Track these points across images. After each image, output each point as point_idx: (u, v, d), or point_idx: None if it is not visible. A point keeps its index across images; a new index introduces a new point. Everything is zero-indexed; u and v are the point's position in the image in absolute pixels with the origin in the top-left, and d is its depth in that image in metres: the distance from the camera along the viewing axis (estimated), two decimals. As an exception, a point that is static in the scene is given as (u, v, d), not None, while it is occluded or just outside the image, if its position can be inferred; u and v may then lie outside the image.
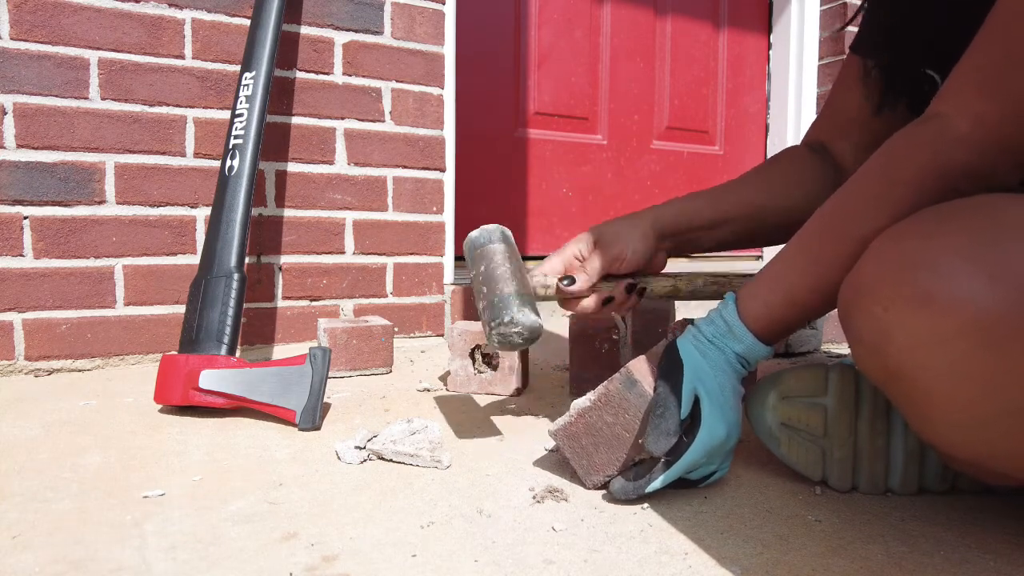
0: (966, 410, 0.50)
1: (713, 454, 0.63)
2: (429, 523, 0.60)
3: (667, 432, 0.62)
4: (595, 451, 0.66)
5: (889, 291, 0.51)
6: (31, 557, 0.53)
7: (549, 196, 1.90)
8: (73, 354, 1.12)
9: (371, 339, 1.14)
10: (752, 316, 0.65)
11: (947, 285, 0.48)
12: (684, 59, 2.10)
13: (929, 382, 0.50)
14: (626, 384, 0.65)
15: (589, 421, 0.66)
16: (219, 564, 0.52)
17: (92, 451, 0.76)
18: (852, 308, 0.55)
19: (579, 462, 0.67)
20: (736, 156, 2.24)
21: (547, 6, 1.85)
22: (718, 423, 0.62)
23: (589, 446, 0.66)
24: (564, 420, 0.68)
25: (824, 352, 1.34)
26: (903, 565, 0.54)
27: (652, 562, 0.54)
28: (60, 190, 1.10)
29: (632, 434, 0.65)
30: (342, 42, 1.33)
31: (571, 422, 0.67)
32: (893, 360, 0.52)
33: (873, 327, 0.52)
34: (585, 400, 0.67)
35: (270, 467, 0.72)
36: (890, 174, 0.59)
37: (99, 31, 1.12)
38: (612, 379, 0.66)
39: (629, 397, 0.65)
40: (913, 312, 0.49)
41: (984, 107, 0.54)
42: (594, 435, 0.66)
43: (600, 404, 0.66)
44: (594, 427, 0.66)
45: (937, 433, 0.53)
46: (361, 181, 1.36)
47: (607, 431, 0.65)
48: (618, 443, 0.65)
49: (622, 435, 0.65)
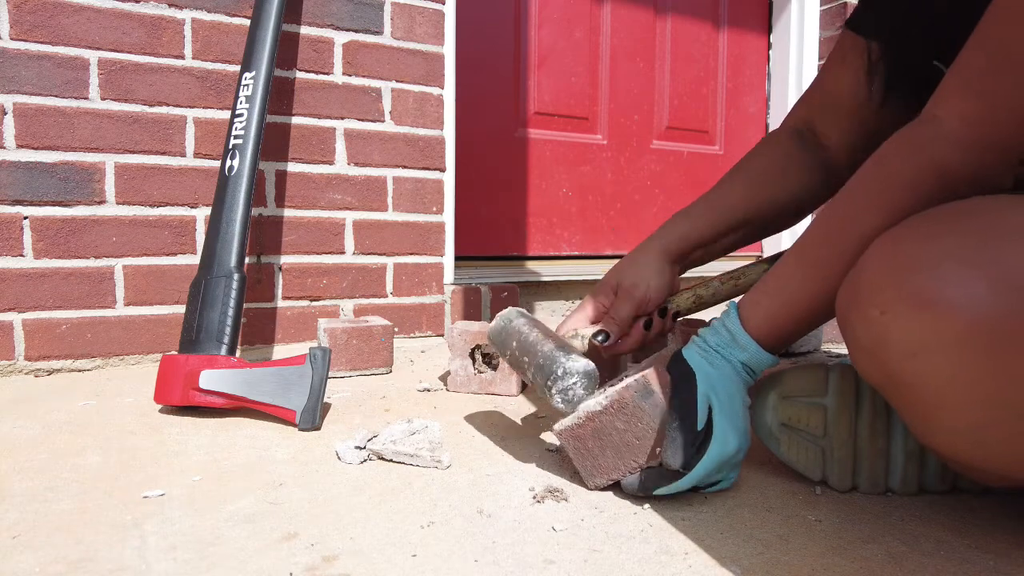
0: (964, 414, 0.50)
1: (723, 466, 0.63)
2: (429, 523, 0.60)
3: (684, 444, 0.62)
4: (601, 454, 0.66)
5: (887, 294, 0.51)
6: (31, 557, 0.53)
7: (549, 196, 1.90)
8: (73, 354, 1.12)
9: (371, 339, 1.14)
10: (754, 324, 0.65)
11: (946, 289, 0.48)
12: (684, 59, 2.10)
13: (927, 386, 0.50)
14: (642, 394, 0.64)
15: (598, 425, 0.66)
16: (219, 564, 0.52)
17: (92, 451, 0.76)
18: (849, 311, 0.55)
19: (583, 463, 0.67)
20: (736, 156, 2.24)
21: (547, 6, 1.85)
22: (730, 435, 0.62)
23: (595, 449, 0.66)
24: (571, 421, 0.67)
25: (824, 352, 1.34)
26: (903, 565, 0.54)
27: (652, 562, 0.54)
28: (60, 190, 1.10)
29: (643, 441, 0.64)
30: (342, 42, 1.33)
31: (579, 424, 0.67)
32: (891, 364, 0.51)
33: (871, 330, 0.52)
34: (595, 404, 0.66)
35: (270, 467, 0.72)
36: (887, 177, 0.59)
37: (99, 31, 1.12)
38: (628, 386, 0.65)
39: (644, 407, 0.64)
40: (911, 316, 0.49)
41: (972, 109, 0.54)
42: (602, 439, 0.66)
43: (613, 410, 0.65)
44: (603, 431, 0.66)
45: (935, 437, 0.53)
46: (361, 181, 1.36)
47: (616, 437, 0.65)
48: (627, 449, 0.65)
49: (632, 442, 0.65)
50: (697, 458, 0.62)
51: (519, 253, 1.87)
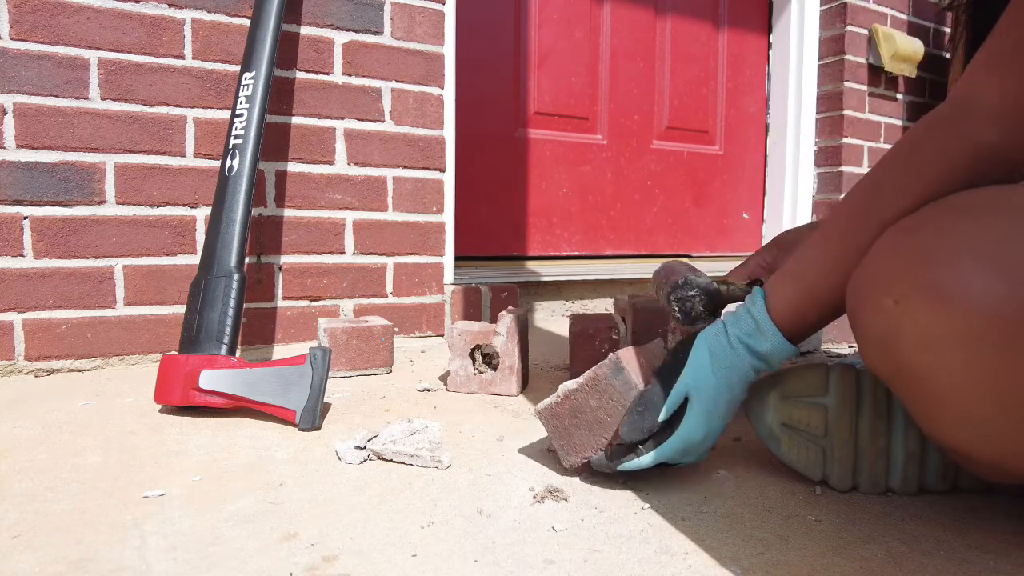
0: (975, 408, 0.49)
1: (688, 452, 0.65)
2: (429, 523, 0.60)
3: (641, 429, 0.65)
4: (575, 432, 0.68)
5: (903, 284, 0.50)
6: (31, 557, 0.53)
7: (549, 196, 1.90)
8: (73, 354, 1.12)
9: (371, 339, 1.14)
10: (778, 312, 0.64)
11: (964, 283, 0.47)
12: (684, 59, 2.10)
13: (938, 379, 0.50)
14: (613, 371, 0.67)
15: (574, 403, 0.68)
16: (219, 564, 0.52)
17: (92, 451, 0.76)
18: (861, 300, 0.54)
19: (560, 442, 0.70)
20: (736, 156, 2.24)
21: (547, 6, 1.85)
22: (698, 427, 0.64)
23: (571, 427, 0.68)
24: (551, 400, 0.70)
25: (824, 352, 1.34)
26: (903, 565, 0.54)
27: (652, 562, 0.54)
28: (60, 190, 1.10)
29: (612, 419, 0.67)
30: (342, 42, 1.33)
31: (558, 402, 0.69)
32: (902, 355, 0.51)
33: (884, 320, 0.52)
34: (573, 382, 0.69)
35: (270, 467, 0.72)
36: (919, 158, 0.57)
37: (99, 31, 1.12)
38: (601, 364, 0.68)
39: (615, 384, 0.66)
40: (926, 307, 0.49)
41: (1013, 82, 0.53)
42: (577, 416, 0.68)
43: (587, 387, 0.67)
44: (578, 409, 0.68)
45: (943, 430, 0.53)
46: (361, 181, 1.36)
47: (590, 414, 0.67)
48: (599, 427, 0.67)
49: (604, 419, 0.67)
50: (663, 438, 0.64)
51: (519, 253, 1.87)
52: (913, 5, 2.26)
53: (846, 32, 2.10)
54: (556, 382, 1.12)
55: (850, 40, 2.11)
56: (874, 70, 2.17)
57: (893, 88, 2.23)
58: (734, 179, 2.24)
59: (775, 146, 2.26)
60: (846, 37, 2.10)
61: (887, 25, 2.18)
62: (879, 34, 2.12)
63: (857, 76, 2.14)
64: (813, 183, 2.22)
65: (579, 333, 1.01)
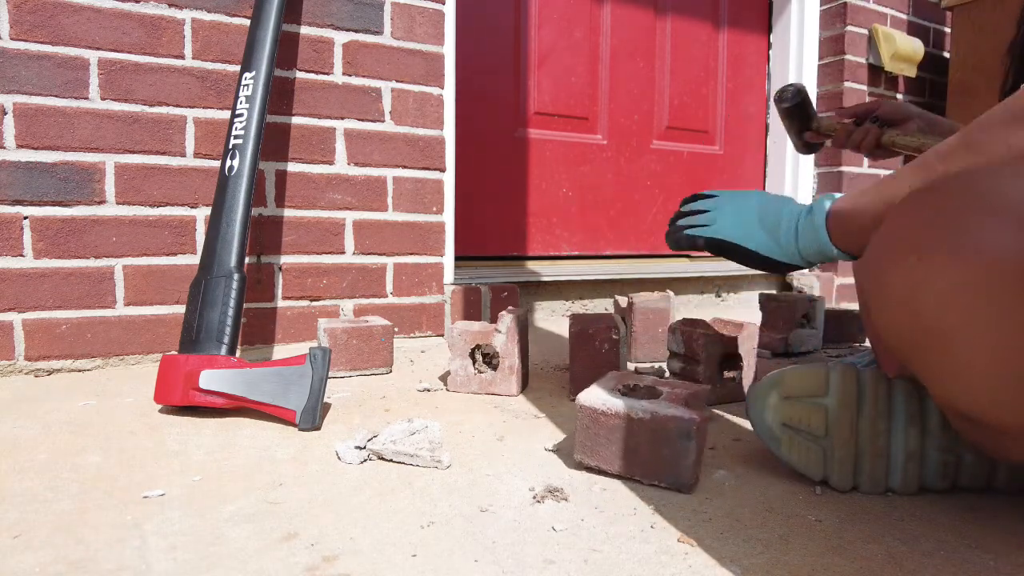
0: (997, 365, 0.49)
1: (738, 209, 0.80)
2: (429, 523, 0.60)
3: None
4: (606, 447, 0.69)
5: (924, 241, 0.50)
6: (31, 557, 0.53)
7: (549, 196, 1.90)
8: (73, 354, 1.12)
9: (371, 339, 1.14)
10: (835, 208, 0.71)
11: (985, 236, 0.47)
12: (684, 59, 2.10)
13: (961, 336, 0.49)
14: (684, 437, 0.65)
15: (624, 427, 0.68)
16: (219, 564, 0.52)
17: (92, 451, 0.76)
18: (883, 258, 0.54)
19: (584, 439, 0.70)
20: (736, 156, 2.24)
21: (547, 6, 1.85)
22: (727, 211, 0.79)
23: (604, 439, 0.69)
24: (600, 405, 0.69)
25: (824, 352, 1.34)
26: (903, 565, 0.54)
27: (652, 562, 0.54)
28: (60, 190, 1.10)
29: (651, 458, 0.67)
30: (342, 42, 1.33)
31: (605, 413, 0.69)
32: (926, 312, 0.51)
33: (908, 277, 0.52)
34: (638, 410, 0.67)
35: (270, 467, 0.72)
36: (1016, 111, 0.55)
37: (99, 31, 1.12)
38: (673, 418, 0.66)
39: (678, 446, 0.66)
40: (949, 262, 0.49)
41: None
42: (617, 437, 0.68)
43: (647, 428, 0.67)
44: (622, 434, 0.68)
45: (962, 395, 0.52)
46: (361, 181, 1.36)
47: (631, 444, 0.68)
48: (634, 458, 0.68)
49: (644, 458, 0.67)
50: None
51: (519, 253, 1.86)
52: (913, 5, 2.26)
53: (846, 32, 2.10)
54: (556, 382, 1.12)
55: (850, 40, 2.11)
56: (874, 70, 2.17)
57: (893, 88, 2.23)
58: (734, 179, 2.24)
59: (775, 146, 2.27)
60: (846, 37, 2.10)
61: (887, 25, 2.19)
62: (879, 34, 2.12)
63: (857, 76, 2.14)
64: (813, 183, 2.22)
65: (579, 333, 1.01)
